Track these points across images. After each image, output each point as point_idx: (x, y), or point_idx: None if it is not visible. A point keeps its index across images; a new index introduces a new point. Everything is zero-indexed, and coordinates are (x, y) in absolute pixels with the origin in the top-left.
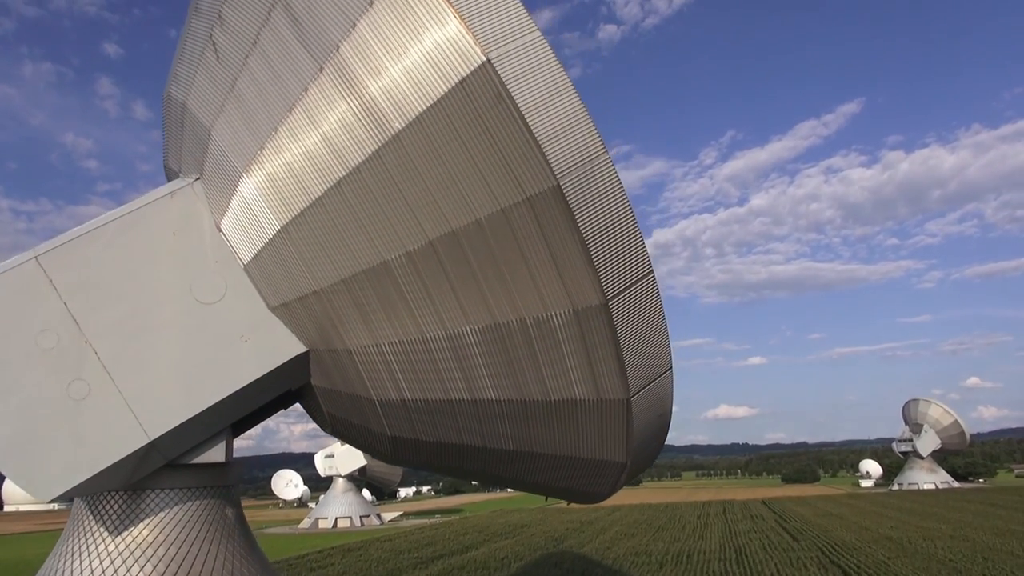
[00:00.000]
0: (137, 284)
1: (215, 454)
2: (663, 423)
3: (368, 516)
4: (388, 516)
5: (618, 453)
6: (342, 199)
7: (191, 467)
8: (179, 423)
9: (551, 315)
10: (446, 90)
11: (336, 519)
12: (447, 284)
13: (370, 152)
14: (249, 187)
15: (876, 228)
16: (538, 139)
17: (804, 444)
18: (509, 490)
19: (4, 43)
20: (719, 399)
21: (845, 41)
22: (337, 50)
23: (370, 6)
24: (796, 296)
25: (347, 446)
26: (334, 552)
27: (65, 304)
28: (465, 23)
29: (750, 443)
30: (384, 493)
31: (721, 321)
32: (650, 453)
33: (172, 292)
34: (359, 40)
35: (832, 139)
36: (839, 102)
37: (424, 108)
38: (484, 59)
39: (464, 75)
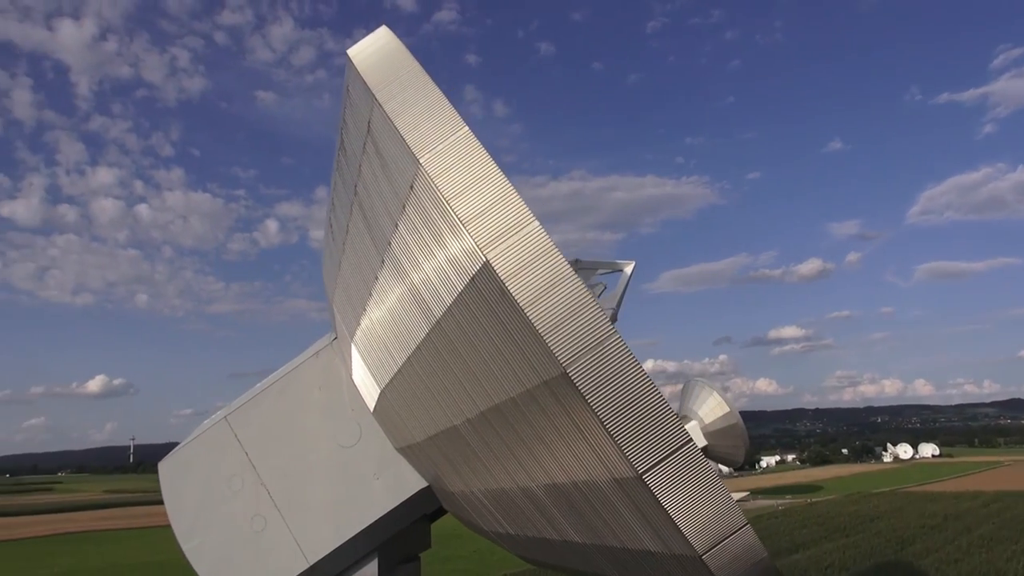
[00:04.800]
0: (295, 434)
1: (367, 572)
2: (764, 567)
3: None
4: (734, 496)
5: None
6: (413, 372)
7: None
8: (330, 551)
9: (596, 481)
10: (463, 287)
11: None
12: (505, 448)
13: (423, 335)
14: (356, 353)
15: None
16: (539, 331)
17: None
18: (885, 460)
19: None
20: None
21: None
22: (390, 246)
23: (403, 210)
24: None
25: (687, 426)
26: None
27: (246, 454)
28: (466, 225)
29: None
30: (743, 464)
31: None
32: None
33: (320, 439)
34: (401, 238)
35: None
36: None
37: (451, 301)
38: (485, 260)
39: (473, 274)
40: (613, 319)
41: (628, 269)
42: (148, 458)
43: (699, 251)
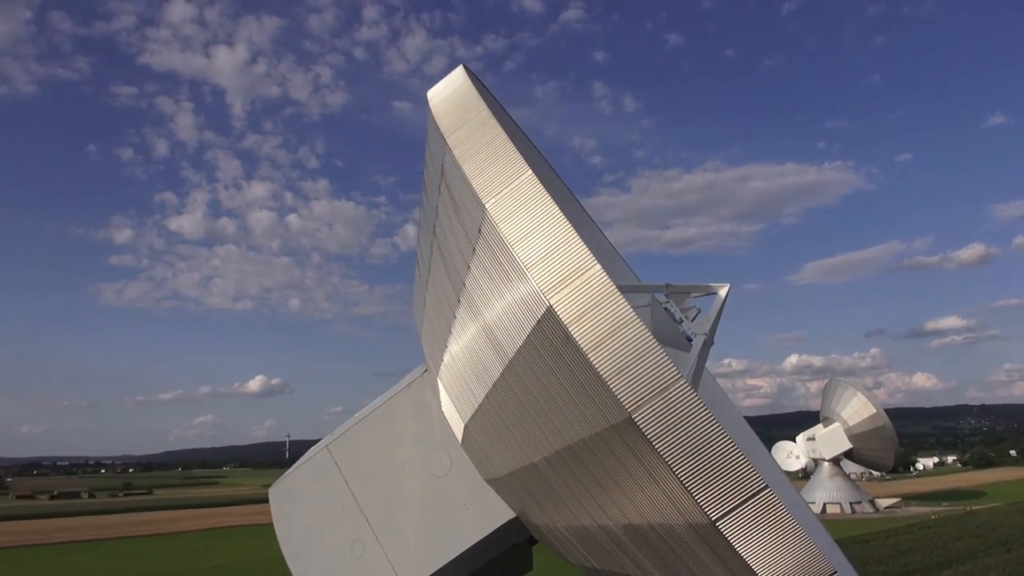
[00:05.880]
0: (391, 463)
1: None
2: None
3: (860, 503)
4: (884, 503)
5: None
6: (491, 408)
7: None
8: None
9: (671, 524)
10: (531, 329)
11: (824, 504)
12: (582, 487)
13: (499, 373)
14: (442, 387)
15: None
16: (603, 376)
17: None
18: None
19: (518, 75)
20: None
21: None
22: (464, 286)
23: (473, 252)
24: None
25: (829, 428)
26: None
27: (346, 481)
28: (529, 270)
29: None
30: (894, 467)
31: None
32: None
33: (414, 468)
34: (473, 279)
35: None
36: None
37: (522, 342)
38: (548, 304)
39: (538, 317)
40: (709, 343)
41: (722, 292)
42: (302, 454)
43: (846, 239)
